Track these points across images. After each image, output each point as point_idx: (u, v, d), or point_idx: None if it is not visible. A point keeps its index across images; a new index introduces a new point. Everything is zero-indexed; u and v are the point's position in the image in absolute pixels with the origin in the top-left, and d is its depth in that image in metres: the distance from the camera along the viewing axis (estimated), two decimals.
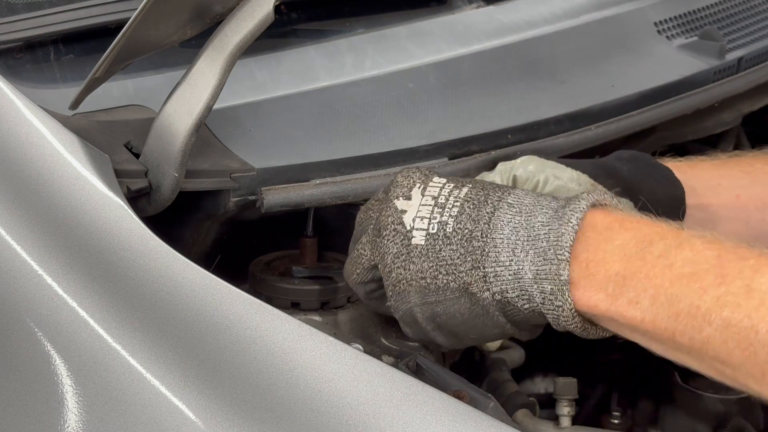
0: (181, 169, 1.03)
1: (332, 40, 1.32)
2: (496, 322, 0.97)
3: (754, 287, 0.85)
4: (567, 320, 0.93)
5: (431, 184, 1.00)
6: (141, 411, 0.90)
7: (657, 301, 0.88)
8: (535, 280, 0.93)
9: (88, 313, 0.94)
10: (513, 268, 0.94)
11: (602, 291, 0.91)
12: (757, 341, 0.84)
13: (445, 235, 0.97)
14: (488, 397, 1.00)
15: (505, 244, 0.94)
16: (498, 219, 0.96)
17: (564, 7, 1.47)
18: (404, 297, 0.99)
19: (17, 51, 1.18)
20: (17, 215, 0.98)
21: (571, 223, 0.93)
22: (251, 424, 0.88)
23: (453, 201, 0.98)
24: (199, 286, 0.93)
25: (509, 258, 0.94)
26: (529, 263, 0.93)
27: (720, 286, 0.86)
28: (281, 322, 0.92)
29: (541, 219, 0.94)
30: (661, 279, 0.89)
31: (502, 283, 0.94)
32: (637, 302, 0.90)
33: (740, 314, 0.84)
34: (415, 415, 0.87)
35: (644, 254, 0.90)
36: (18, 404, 0.94)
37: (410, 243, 0.98)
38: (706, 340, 0.86)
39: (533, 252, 0.93)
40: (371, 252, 1.01)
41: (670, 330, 0.88)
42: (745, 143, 1.67)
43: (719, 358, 0.87)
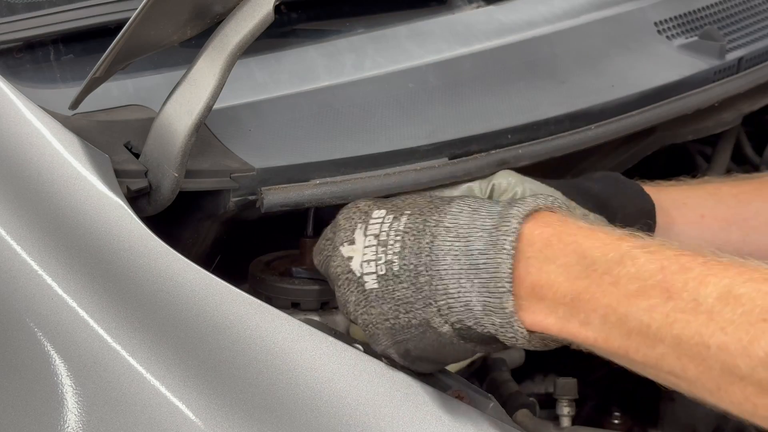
0: (181, 169, 1.03)
1: (332, 40, 1.32)
2: (463, 348, 0.96)
3: (700, 301, 0.84)
4: (524, 344, 0.93)
5: (371, 222, 1.00)
6: (141, 411, 0.90)
7: (608, 321, 0.88)
8: (484, 312, 0.93)
9: (88, 313, 0.94)
10: (462, 300, 0.93)
11: (553, 315, 0.91)
12: (710, 357, 0.83)
13: (394, 274, 0.97)
14: (488, 397, 1.00)
15: (450, 275, 0.94)
16: (438, 248, 0.95)
17: (564, 7, 1.47)
18: (376, 339, 0.98)
19: (17, 51, 1.18)
20: (17, 215, 0.98)
21: (505, 249, 0.92)
22: (251, 424, 0.88)
23: (394, 236, 0.98)
24: (199, 286, 0.93)
25: (457, 289, 0.93)
26: (476, 294, 0.93)
27: (667, 301, 0.86)
28: (281, 322, 0.92)
29: (478, 246, 0.94)
30: (608, 298, 0.88)
31: (457, 314, 0.94)
32: (588, 323, 0.89)
33: (690, 331, 0.84)
34: (415, 415, 0.88)
35: (588, 273, 0.90)
36: (18, 404, 0.94)
37: (365, 289, 0.98)
38: (660, 357, 0.86)
39: (478, 282, 0.93)
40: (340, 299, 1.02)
41: (624, 348, 0.88)
42: (746, 143, 1.67)
43: (674, 373, 0.87)
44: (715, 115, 1.50)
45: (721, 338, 0.83)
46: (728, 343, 0.82)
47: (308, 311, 1.13)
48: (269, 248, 1.21)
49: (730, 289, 0.84)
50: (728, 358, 0.82)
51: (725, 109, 1.50)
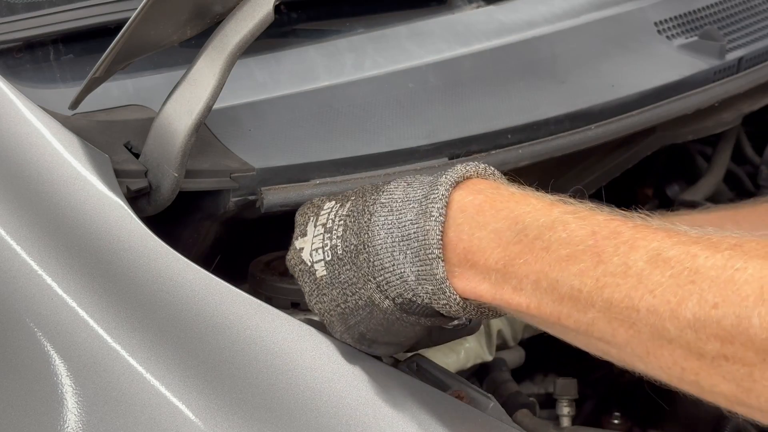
0: (181, 169, 1.03)
1: (332, 40, 1.32)
2: (411, 322, 0.96)
3: (630, 264, 0.84)
4: (458, 312, 0.92)
5: (321, 213, 1.01)
6: (141, 411, 0.90)
7: (539, 287, 0.88)
8: (418, 281, 0.92)
9: (88, 313, 0.94)
10: (397, 272, 0.93)
11: (486, 281, 0.90)
12: (639, 320, 0.83)
13: (338, 258, 0.97)
14: (488, 397, 1.00)
15: (384, 249, 0.94)
16: (374, 224, 0.95)
17: (564, 7, 1.47)
18: (332, 327, 0.98)
19: (17, 51, 1.18)
20: (17, 215, 0.98)
21: (433, 216, 0.92)
22: (251, 424, 0.88)
23: (338, 222, 0.98)
24: (199, 286, 0.93)
25: (391, 263, 0.93)
26: (410, 264, 0.92)
27: (598, 266, 0.85)
28: (281, 322, 0.92)
29: (409, 216, 0.93)
30: (540, 264, 0.88)
31: (395, 288, 0.93)
32: (521, 289, 0.89)
33: (620, 294, 0.83)
34: (415, 415, 0.88)
35: (520, 238, 0.89)
36: (18, 404, 0.94)
37: (316, 277, 0.98)
38: (591, 322, 0.86)
39: (410, 253, 0.92)
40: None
41: (556, 314, 0.88)
42: (746, 143, 1.67)
43: (605, 339, 0.86)
44: (715, 115, 1.50)
45: (650, 301, 0.82)
46: (657, 306, 0.82)
47: (308, 311, 1.13)
48: (269, 248, 1.21)
49: (660, 252, 0.83)
50: (657, 320, 0.82)
51: (725, 109, 1.50)
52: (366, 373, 0.91)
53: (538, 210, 0.90)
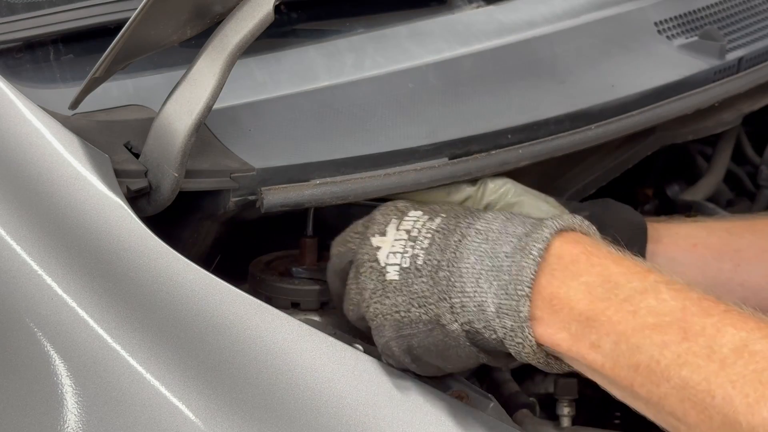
0: (181, 169, 1.03)
1: (332, 40, 1.32)
2: (468, 353, 0.96)
3: (715, 349, 0.84)
4: (529, 356, 0.93)
5: (406, 219, 1.01)
6: (141, 411, 0.90)
7: (618, 348, 0.88)
8: (497, 314, 0.92)
9: (88, 313, 0.94)
10: (477, 300, 0.93)
11: (565, 330, 0.91)
12: (713, 406, 0.83)
13: (416, 268, 0.97)
14: (488, 397, 1.00)
15: (470, 273, 0.94)
16: (465, 247, 0.96)
17: (564, 7, 1.47)
18: (381, 331, 0.98)
19: (17, 51, 1.18)
20: (17, 215, 0.98)
21: (532, 255, 0.92)
22: (251, 424, 0.88)
23: (425, 233, 0.99)
24: (199, 286, 0.93)
25: (473, 289, 0.94)
26: (492, 295, 0.92)
27: (682, 342, 0.85)
28: (281, 322, 0.92)
29: (505, 249, 0.94)
30: (624, 326, 0.88)
31: (468, 314, 0.94)
32: (599, 346, 0.89)
33: (699, 376, 0.84)
34: (415, 415, 0.88)
35: (609, 296, 0.89)
36: (18, 404, 0.94)
37: (385, 278, 0.98)
38: (664, 396, 0.86)
39: (497, 284, 0.93)
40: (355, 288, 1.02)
41: (629, 380, 0.88)
42: (746, 143, 1.67)
43: (675, 415, 0.86)
44: (715, 115, 1.50)
45: (728, 390, 0.82)
46: (734, 397, 0.81)
47: (308, 311, 1.13)
48: (269, 248, 1.21)
49: (747, 342, 0.83)
50: (731, 412, 0.81)
51: (725, 109, 1.50)
52: (366, 373, 0.91)
53: (633, 273, 0.91)
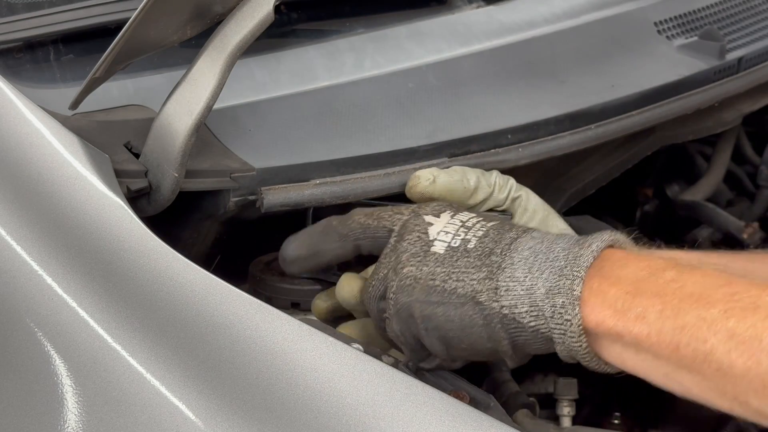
0: (181, 169, 1.03)
1: (332, 40, 1.32)
2: (493, 336, 0.96)
3: (760, 304, 0.86)
4: (573, 337, 0.94)
5: (462, 213, 1.03)
6: (141, 411, 0.90)
7: (663, 315, 0.89)
8: (548, 295, 0.94)
9: (88, 313, 0.94)
10: (526, 284, 0.95)
11: (610, 308, 0.92)
12: (761, 350, 0.84)
13: (465, 249, 0.98)
14: (488, 397, 1.00)
15: (522, 263, 0.96)
16: (520, 243, 0.98)
17: (564, 7, 1.47)
18: (408, 291, 0.98)
19: (17, 51, 1.18)
20: (17, 215, 0.98)
21: (591, 248, 0.95)
22: (251, 424, 0.88)
23: (480, 226, 1.00)
24: (199, 286, 0.93)
25: (524, 275, 0.95)
26: (543, 280, 0.94)
27: (728, 302, 0.87)
28: (281, 322, 0.92)
29: (561, 245, 0.96)
30: (670, 297, 0.90)
31: (513, 298, 0.95)
32: (644, 317, 0.90)
33: (745, 324, 0.85)
34: (415, 415, 0.87)
35: (656, 278, 0.92)
36: (18, 404, 0.94)
37: (429, 249, 0.99)
38: (710, 351, 0.87)
39: (549, 271, 0.95)
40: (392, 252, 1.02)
41: (675, 343, 0.89)
42: (746, 143, 1.67)
43: (721, 370, 0.87)
44: (715, 115, 1.50)
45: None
46: None
47: (308, 311, 1.13)
48: (269, 248, 1.21)
49: None
50: None
51: (725, 109, 1.50)
52: (366, 373, 0.91)
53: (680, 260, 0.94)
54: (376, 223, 1.05)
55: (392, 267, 1.01)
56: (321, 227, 1.07)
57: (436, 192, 1.10)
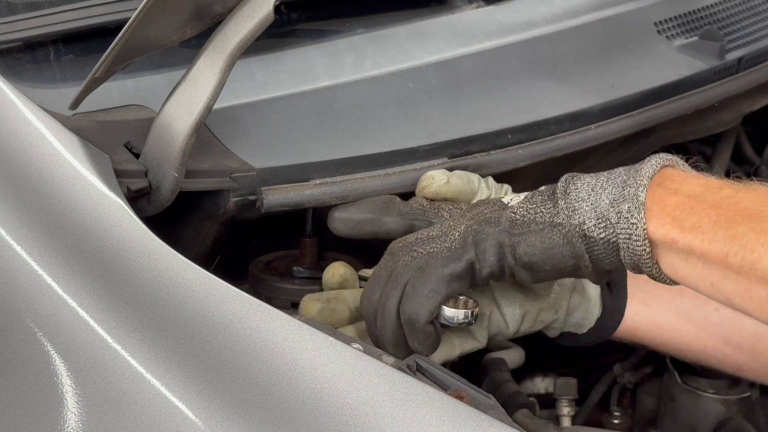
0: (181, 169, 1.03)
1: (332, 40, 1.32)
2: (575, 252, 1.01)
3: None
4: (638, 241, 0.98)
5: None
6: (141, 411, 0.90)
7: (717, 225, 0.95)
8: (612, 204, 1.00)
9: (88, 313, 0.94)
10: (591, 200, 1.01)
11: (669, 215, 0.98)
12: None
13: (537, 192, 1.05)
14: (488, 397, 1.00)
15: (585, 185, 1.02)
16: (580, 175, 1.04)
17: (564, 7, 1.47)
18: (492, 224, 1.03)
19: (17, 51, 1.18)
20: (17, 215, 0.98)
21: (651, 162, 1.01)
22: (251, 424, 0.88)
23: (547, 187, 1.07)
24: (199, 286, 0.93)
25: (588, 194, 1.02)
26: (607, 194, 1.01)
27: None
28: (281, 322, 0.92)
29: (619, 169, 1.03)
30: (725, 210, 0.95)
31: (580, 215, 1.01)
32: (699, 226, 0.96)
33: None
34: (415, 415, 0.88)
35: (712, 194, 0.98)
36: (18, 404, 0.94)
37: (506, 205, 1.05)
38: (757, 260, 0.92)
39: (611, 186, 1.01)
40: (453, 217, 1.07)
41: (724, 251, 0.94)
42: (745, 143, 1.67)
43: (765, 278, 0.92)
44: (715, 115, 1.50)
45: None
46: None
47: None
48: (269, 248, 1.21)
49: None
50: None
51: (725, 109, 1.50)
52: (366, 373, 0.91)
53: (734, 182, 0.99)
54: (436, 210, 1.09)
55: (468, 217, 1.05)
56: (384, 199, 1.12)
57: (449, 192, 1.11)
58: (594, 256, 1.02)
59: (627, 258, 1.00)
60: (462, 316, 1.04)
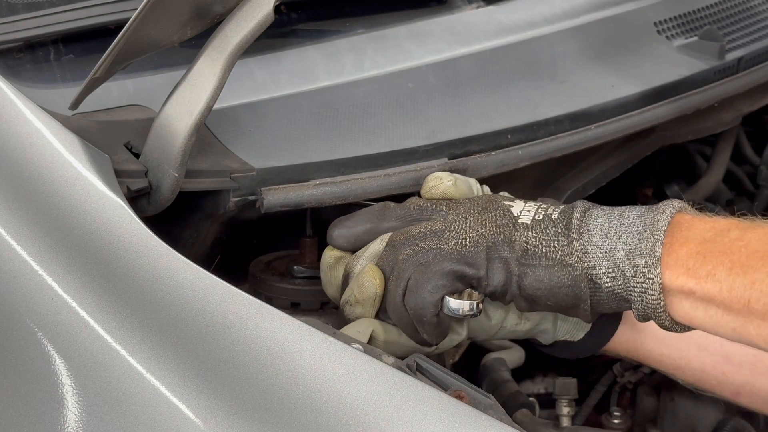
0: (181, 169, 1.03)
1: (332, 40, 1.32)
2: (578, 295, 1.02)
3: None
4: (653, 295, 0.99)
5: (532, 202, 1.09)
6: (141, 411, 0.90)
7: (733, 272, 0.96)
8: (628, 257, 1.00)
9: (88, 313, 0.94)
10: (605, 248, 1.02)
11: (682, 266, 0.99)
12: None
13: (550, 219, 1.05)
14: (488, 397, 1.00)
15: (598, 229, 1.03)
16: (594, 213, 1.04)
17: (564, 7, 1.47)
18: (506, 246, 1.03)
19: (17, 51, 1.18)
20: (17, 215, 0.98)
21: (665, 213, 1.01)
22: (251, 424, 0.88)
23: (553, 206, 1.07)
24: (199, 286, 0.93)
25: (602, 239, 1.02)
26: (622, 244, 1.01)
27: None
28: (281, 322, 0.92)
29: (634, 213, 1.03)
30: (737, 255, 0.96)
31: (591, 260, 1.01)
32: (714, 274, 0.97)
33: None
34: (415, 415, 0.88)
35: (721, 238, 0.98)
36: (18, 404, 0.94)
37: (517, 221, 1.05)
38: None
39: (626, 235, 1.01)
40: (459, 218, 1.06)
41: (746, 298, 0.95)
42: (745, 143, 1.67)
43: None
44: (714, 115, 1.50)
45: None
46: None
47: (308, 311, 1.13)
48: (269, 248, 1.21)
49: None
50: None
51: (725, 109, 1.50)
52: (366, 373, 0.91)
53: (741, 221, 1.01)
54: (434, 206, 1.09)
55: (479, 222, 1.05)
56: (378, 207, 1.11)
57: (457, 194, 1.11)
58: (595, 302, 1.03)
59: (639, 310, 1.01)
60: (467, 307, 1.05)
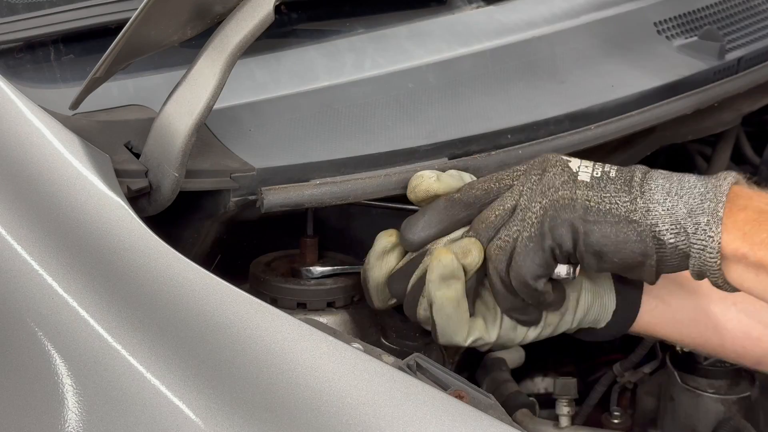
0: (182, 169, 1.03)
1: (332, 40, 1.32)
2: (645, 251, 1.04)
3: None
4: (711, 253, 1.03)
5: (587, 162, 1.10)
6: (141, 411, 0.90)
7: None
8: (690, 214, 1.03)
9: (88, 312, 0.94)
10: (667, 205, 1.04)
11: (739, 231, 1.02)
12: None
13: (609, 177, 1.07)
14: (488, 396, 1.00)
15: (659, 188, 1.05)
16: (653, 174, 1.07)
17: (564, 7, 1.47)
18: (568, 209, 1.05)
19: (17, 51, 1.18)
20: (17, 215, 0.98)
21: (727, 179, 1.05)
22: (251, 424, 0.88)
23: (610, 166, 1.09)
24: (199, 286, 0.94)
25: (663, 198, 1.05)
26: (684, 203, 1.04)
27: None
28: (281, 322, 0.92)
29: (694, 177, 1.06)
30: None
31: (654, 217, 1.04)
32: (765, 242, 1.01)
33: None
34: (415, 415, 0.88)
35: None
36: (18, 404, 0.94)
37: (576, 178, 1.07)
38: None
39: (687, 195, 1.04)
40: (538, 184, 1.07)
41: None
42: (745, 143, 1.67)
43: None
44: (714, 115, 1.50)
45: None
46: None
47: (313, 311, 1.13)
48: (269, 248, 1.21)
49: None
50: None
51: (725, 109, 1.50)
52: (366, 373, 0.91)
53: None
54: (498, 185, 1.10)
55: (540, 191, 1.06)
56: (443, 202, 1.11)
57: (440, 189, 1.11)
58: (659, 258, 1.05)
59: (695, 266, 1.04)
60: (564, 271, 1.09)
